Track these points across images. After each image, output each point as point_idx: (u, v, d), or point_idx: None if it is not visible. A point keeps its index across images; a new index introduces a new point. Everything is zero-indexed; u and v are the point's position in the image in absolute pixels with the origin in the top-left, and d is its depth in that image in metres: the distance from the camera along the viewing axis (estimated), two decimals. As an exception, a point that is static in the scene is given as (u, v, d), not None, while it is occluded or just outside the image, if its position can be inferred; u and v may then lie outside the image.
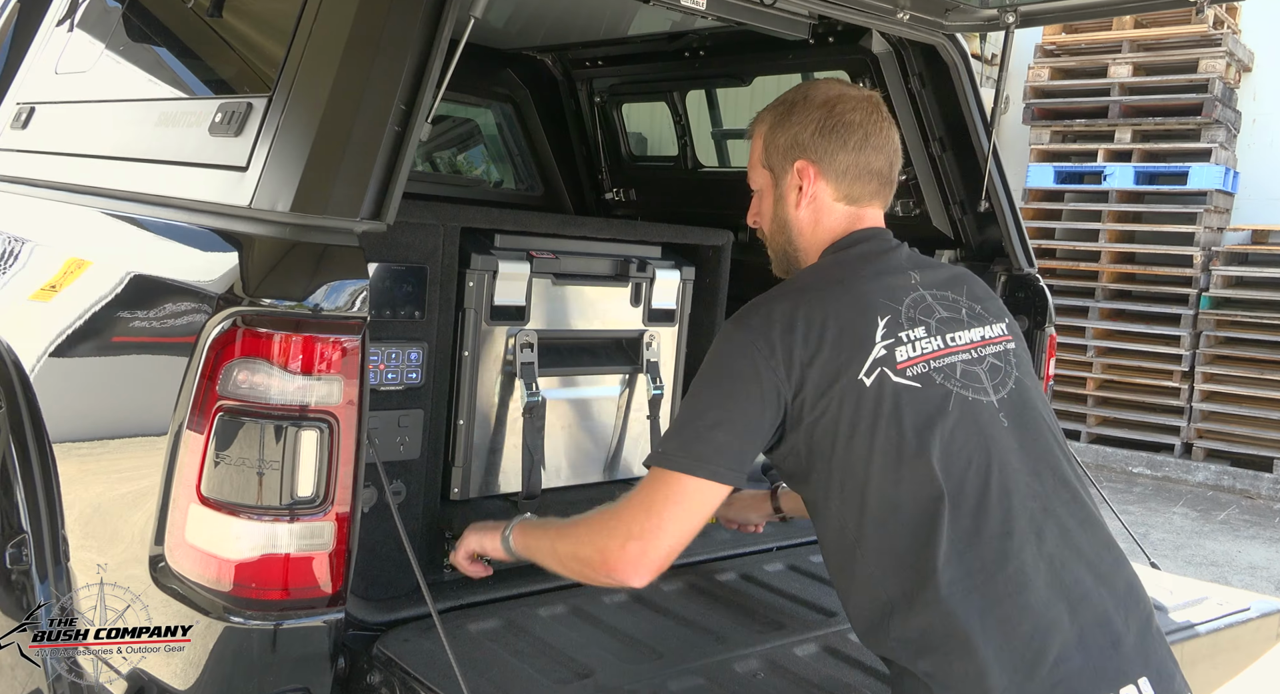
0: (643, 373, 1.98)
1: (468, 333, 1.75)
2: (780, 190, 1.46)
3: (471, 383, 1.77)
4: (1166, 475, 6.35)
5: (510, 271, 1.77)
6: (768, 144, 1.47)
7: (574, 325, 1.90)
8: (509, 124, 3.38)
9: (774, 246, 1.51)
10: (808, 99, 1.45)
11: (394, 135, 1.47)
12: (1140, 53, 6.49)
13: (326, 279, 1.43)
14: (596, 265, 1.91)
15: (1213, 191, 6.31)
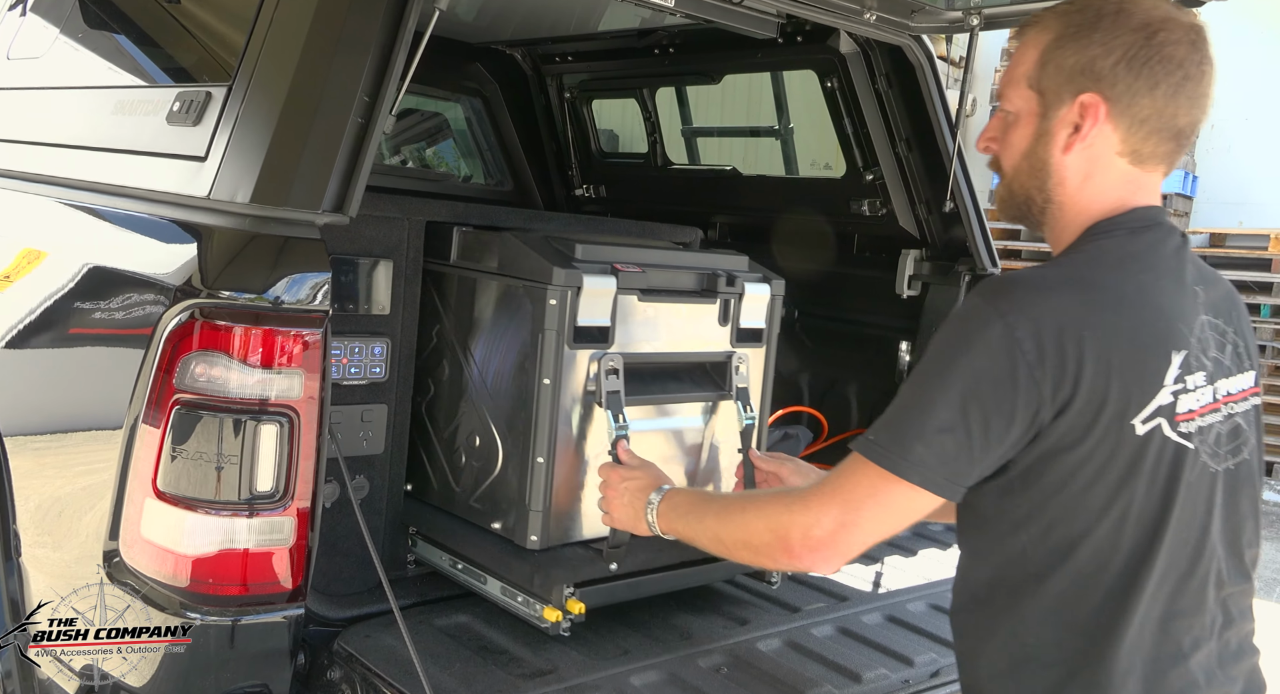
0: (731, 400, 1.75)
1: (547, 357, 1.54)
2: (1048, 123, 1.15)
3: (552, 415, 1.55)
4: None
5: (595, 287, 1.56)
6: (1046, 59, 1.14)
7: (658, 347, 1.68)
8: (478, 118, 3.36)
9: (1013, 187, 1.21)
10: (1122, 13, 1.11)
11: (357, 127, 1.46)
12: (1103, 58, 6.58)
13: (287, 272, 1.41)
14: (682, 279, 1.72)
15: (1173, 195, 6.45)
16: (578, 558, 1.58)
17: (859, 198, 2.54)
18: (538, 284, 1.55)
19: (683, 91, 3.11)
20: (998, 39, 6.90)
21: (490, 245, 1.65)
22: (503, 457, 1.62)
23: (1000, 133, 1.21)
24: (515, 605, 1.56)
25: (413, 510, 1.78)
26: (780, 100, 2.94)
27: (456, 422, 1.71)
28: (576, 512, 1.62)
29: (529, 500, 1.57)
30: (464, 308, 1.70)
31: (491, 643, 1.55)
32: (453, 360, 1.72)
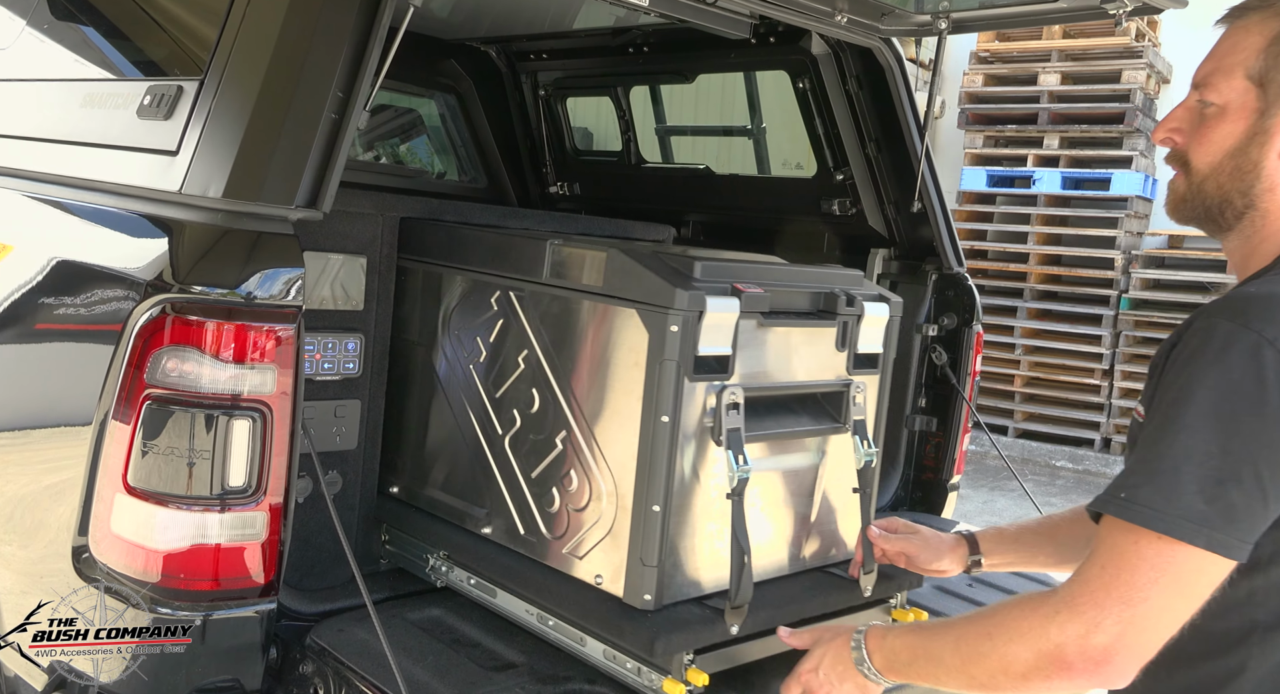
0: (848, 433, 1.59)
1: (666, 391, 1.36)
2: (1267, 121, 1.03)
3: (671, 456, 1.37)
4: (1087, 468, 6.60)
5: (718, 311, 1.38)
6: (1270, 51, 1.03)
7: (775, 377, 1.51)
8: (452, 115, 3.35)
9: (1206, 186, 1.08)
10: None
11: (331, 123, 1.45)
12: (1068, 62, 6.71)
13: (260, 267, 1.40)
14: (800, 300, 1.55)
15: (1133, 197, 6.57)
16: (695, 618, 1.39)
17: (829, 197, 2.57)
18: (656, 308, 1.36)
19: (657, 90, 3.12)
20: (968, 43, 7.00)
21: (594, 262, 1.46)
22: (608, 502, 1.44)
23: (1190, 125, 1.08)
24: (623, 672, 1.40)
25: (386, 506, 1.77)
26: (753, 100, 2.96)
27: (548, 460, 1.52)
28: (691, 565, 1.44)
29: (643, 554, 1.39)
30: (559, 333, 1.51)
31: (464, 636, 1.56)
32: (544, 392, 1.53)
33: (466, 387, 1.63)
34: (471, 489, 1.63)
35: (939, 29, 2.20)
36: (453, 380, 1.66)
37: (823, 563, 1.62)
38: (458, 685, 1.40)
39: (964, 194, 7.03)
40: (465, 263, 1.64)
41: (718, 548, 1.44)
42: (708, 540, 1.43)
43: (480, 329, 1.61)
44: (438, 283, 1.70)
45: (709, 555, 1.44)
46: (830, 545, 1.64)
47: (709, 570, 1.44)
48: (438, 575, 1.66)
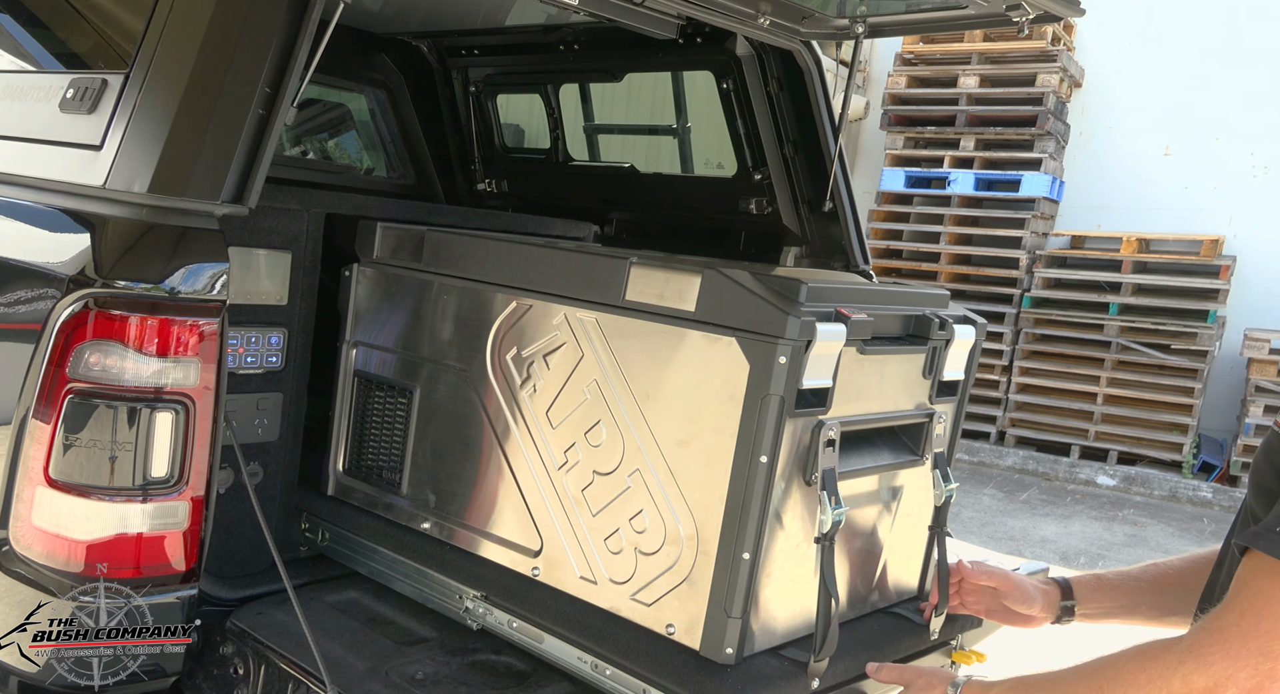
0: (927, 467, 1.50)
1: (766, 429, 1.24)
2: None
3: (765, 500, 1.26)
4: (981, 460, 6.92)
5: (827, 340, 1.26)
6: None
7: (865, 409, 1.40)
8: (382, 110, 3.33)
9: None
10: None
11: (258, 118, 1.47)
12: (987, 65, 6.97)
13: (185, 262, 1.42)
14: (892, 324, 1.43)
15: (1040, 199, 6.88)
16: (776, 673, 1.30)
17: (747, 197, 2.66)
18: (763, 338, 1.24)
19: (586, 89, 3.16)
20: (894, 45, 7.20)
21: (685, 284, 1.32)
22: (686, 547, 1.32)
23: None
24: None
25: (306, 497, 1.79)
26: (679, 100, 3.04)
27: (615, 498, 1.40)
28: (770, 613, 1.34)
29: (727, 604, 1.27)
30: (636, 361, 1.38)
31: (379, 615, 1.61)
32: (612, 425, 1.40)
33: (515, 416, 1.50)
34: (517, 526, 1.51)
35: (856, 33, 2.29)
36: (497, 410, 1.52)
37: (889, 604, 1.56)
38: (372, 659, 1.45)
39: (883, 194, 7.25)
40: (518, 281, 1.51)
41: (798, 594, 1.36)
42: (787, 587, 1.34)
43: (536, 353, 1.48)
44: (479, 301, 1.56)
45: (788, 603, 1.35)
46: (897, 585, 1.57)
47: (786, 619, 1.36)
48: (473, 618, 1.53)
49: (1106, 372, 6.59)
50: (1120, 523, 5.74)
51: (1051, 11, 1.95)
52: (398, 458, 1.67)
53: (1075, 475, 6.62)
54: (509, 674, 1.50)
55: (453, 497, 1.61)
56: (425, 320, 1.66)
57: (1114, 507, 6.09)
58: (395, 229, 1.71)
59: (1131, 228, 6.90)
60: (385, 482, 1.71)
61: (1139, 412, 6.56)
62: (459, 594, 1.56)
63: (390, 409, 1.69)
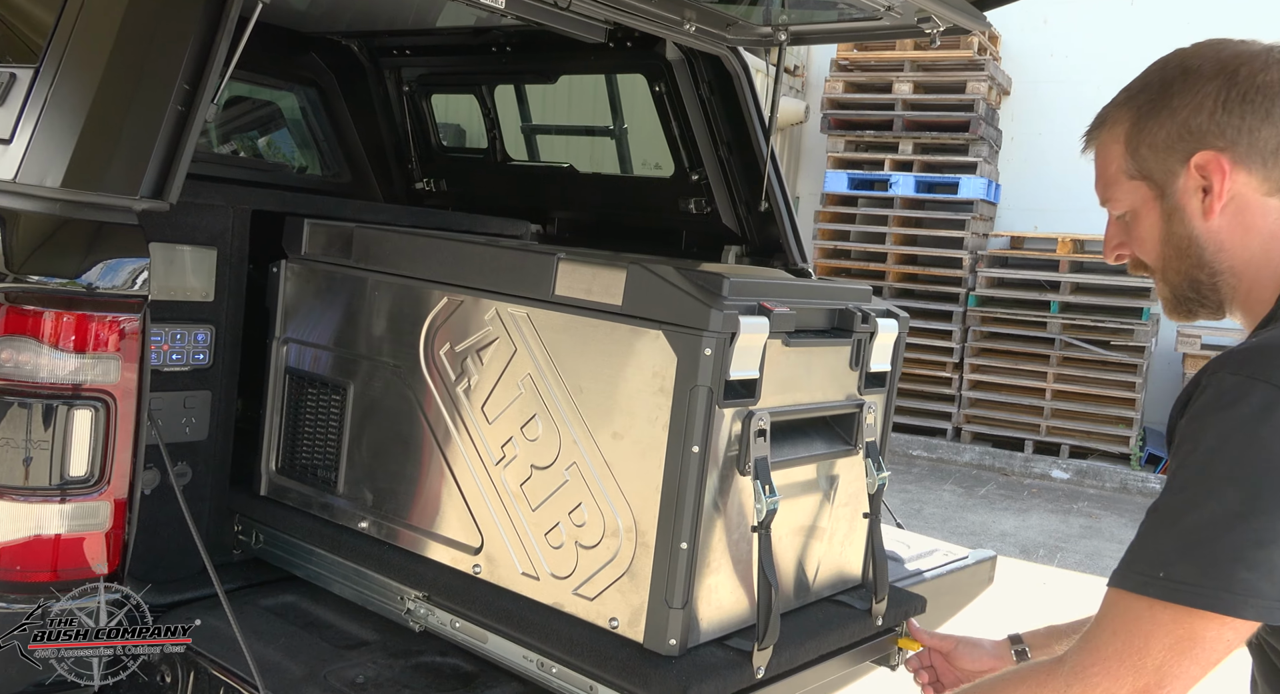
0: (860, 456, 1.56)
1: (697, 420, 1.28)
2: (1172, 202, 1.06)
3: (700, 489, 1.29)
4: (940, 457, 7.09)
5: (751, 332, 1.31)
6: (1133, 146, 1.07)
7: (795, 400, 1.44)
8: (313, 109, 3.32)
9: (1169, 277, 1.09)
10: (1189, 71, 1.04)
11: (177, 114, 1.47)
12: (919, 72, 7.20)
13: (102, 257, 1.41)
14: (819, 318, 1.50)
15: (978, 201, 7.11)
16: (721, 662, 1.33)
17: (686, 197, 2.72)
18: (689, 331, 1.28)
19: (522, 89, 3.20)
20: (829, 51, 7.39)
21: (610, 279, 1.36)
22: (625, 539, 1.34)
23: (1124, 236, 1.12)
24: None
25: (239, 498, 1.78)
26: (614, 102, 3.09)
27: (553, 492, 1.43)
28: (712, 604, 1.36)
29: (668, 595, 1.30)
30: (567, 355, 1.41)
31: (318, 619, 1.60)
32: (548, 419, 1.43)
33: (451, 412, 1.52)
34: (457, 523, 1.52)
35: (779, 40, 2.39)
36: (432, 406, 1.54)
37: (832, 592, 1.60)
38: (309, 663, 1.45)
39: (828, 196, 7.41)
40: (448, 277, 1.53)
41: (739, 585, 1.39)
42: (729, 577, 1.37)
43: (470, 349, 1.50)
44: (410, 297, 1.57)
45: (729, 593, 1.38)
46: (840, 573, 1.62)
47: (730, 609, 1.38)
48: (415, 620, 1.53)
49: (1052, 368, 6.80)
50: (1075, 515, 5.92)
51: (959, 24, 2.07)
52: (333, 456, 1.67)
53: (1030, 470, 6.82)
54: (455, 676, 1.49)
55: (391, 494, 1.61)
56: (356, 317, 1.66)
57: (1069, 500, 6.28)
58: (323, 225, 1.71)
59: (1066, 229, 7.16)
60: (320, 481, 1.70)
61: (1086, 406, 6.79)
62: (400, 595, 1.55)
63: (324, 407, 1.69)
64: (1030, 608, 2.35)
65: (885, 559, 1.61)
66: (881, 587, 1.58)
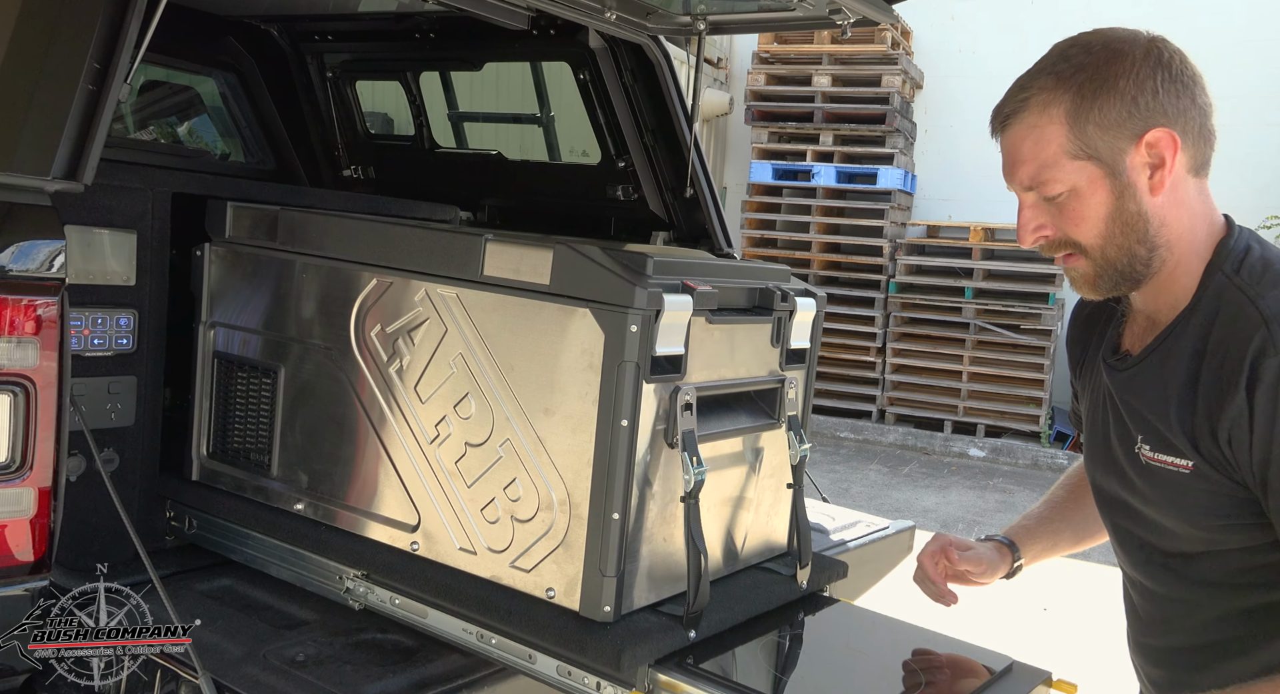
0: (783, 429, 1.62)
1: (625, 394, 1.32)
2: (1123, 180, 1.07)
3: (630, 461, 1.34)
4: (866, 438, 7.31)
5: (675, 310, 1.36)
6: (1077, 126, 1.06)
7: (719, 376, 1.49)
8: (234, 94, 3.25)
9: (1107, 254, 1.10)
10: (1120, 54, 1.06)
11: (88, 94, 1.44)
12: (837, 66, 7.38)
13: (15, 239, 1.38)
14: (741, 296, 1.56)
15: (896, 191, 7.33)
16: (654, 627, 1.37)
17: (613, 184, 2.75)
18: (615, 308, 1.32)
19: (448, 76, 3.19)
20: (751, 43, 7.52)
21: (538, 259, 1.39)
22: (559, 511, 1.38)
23: (1050, 217, 1.11)
24: (581, 688, 1.35)
25: (171, 485, 1.76)
26: (540, 89, 3.10)
27: (488, 469, 1.45)
28: (644, 572, 1.41)
29: (601, 564, 1.34)
30: (497, 334, 1.44)
31: (256, 601, 1.60)
32: (480, 397, 1.45)
33: (384, 392, 1.54)
34: (394, 501, 1.54)
35: (698, 29, 2.44)
36: (365, 387, 1.55)
37: (759, 560, 1.66)
38: (248, 644, 1.44)
39: (753, 186, 7.55)
40: (378, 259, 1.54)
41: (669, 553, 1.44)
42: (659, 546, 1.42)
43: (401, 329, 1.52)
44: (339, 279, 1.58)
45: (661, 561, 1.43)
46: (766, 542, 1.67)
47: (661, 576, 1.43)
48: (354, 598, 1.55)
49: (968, 351, 7.07)
50: (991, 491, 6.18)
51: (869, 16, 2.15)
52: (265, 439, 1.66)
53: (950, 449, 7.08)
54: (396, 651, 1.51)
55: (326, 476, 1.61)
56: (285, 299, 1.65)
57: (985, 476, 6.55)
58: (247, 208, 1.69)
59: (978, 218, 7.44)
60: (254, 464, 1.69)
61: (999, 387, 7.08)
62: (338, 574, 1.56)
63: (254, 390, 1.67)
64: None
65: (809, 527, 1.67)
66: (806, 553, 1.64)
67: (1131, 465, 1.14)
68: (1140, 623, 1.23)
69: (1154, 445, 1.10)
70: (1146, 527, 1.16)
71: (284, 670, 1.39)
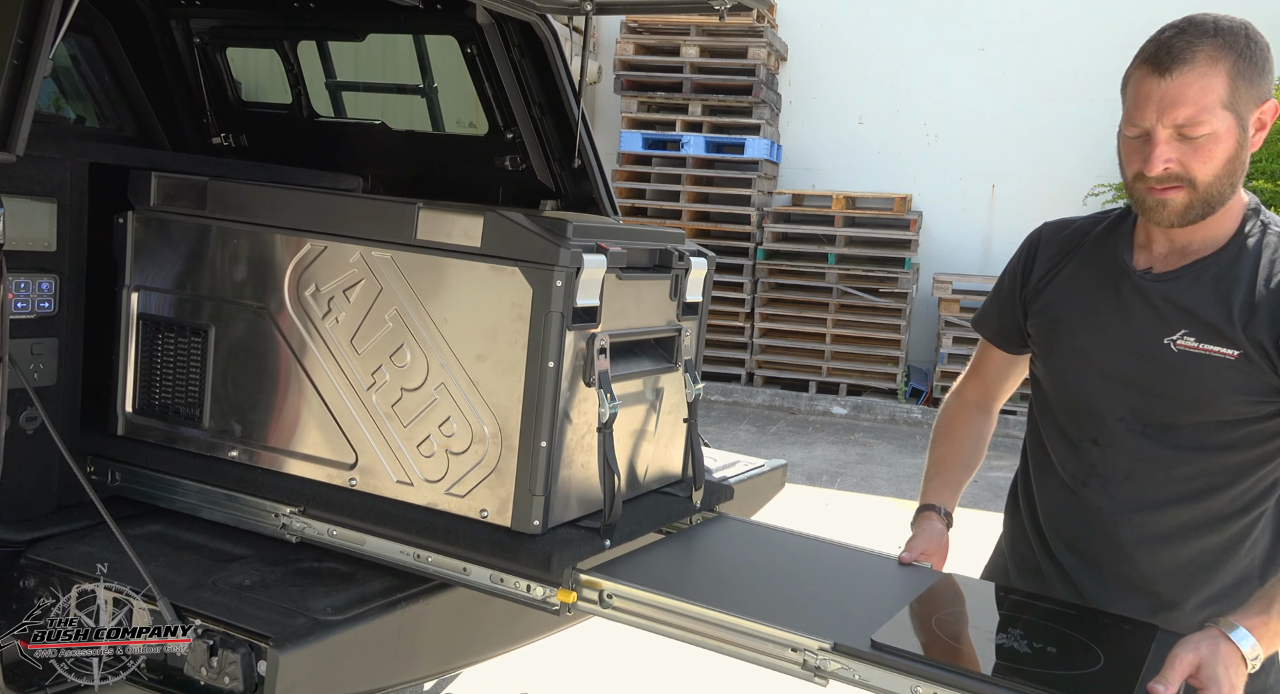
0: (680, 371, 1.91)
1: (551, 340, 1.57)
2: (1246, 134, 1.39)
3: (555, 397, 1.59)
4: (735, 400, 7.83)
5: (592, 267, 1.61)
6: (1236, 83, 1.36)
7: (628, 325, 1.78)
8: (87, 57, 3.23)
9: (1211, 192, 1.40)
10: (1256, 39, 1.39)
11: (14, 68, 1.57)
12: (705, 37, 7.76)
13: (-47, 207, 1.50)
14: (642, 257, 1.82)
15: (763, 161, 7.82)
16: (576, 538, 1.63)
17: (501, 154, 2.97)
18: (542, 266, 1.56)
19: (325, 46, 3.29)
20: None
21: (470, 224, 1.62)
22: (491, 443, 1.62)
23: (1183, 154, 1.38)
24: (513, 592, 1.60)
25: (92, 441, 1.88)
26: (423, 61, 3.27)
27: (423, 410, 1.67)
28: (565, 493, 1.67)
29: (531, 485, 1.59)
30: (431, 291, 1.65)
31: (189, 542, 1.77)
32: (415, 347, 1.67)
33: (319, 346, 1.73)
34: (330, 445, 1.74)
35: (585, 9, 2.68)
36: (301, 342, 1.75)
37: (659, 485, 1.95)
38: (193, 575, 1.63)
39: (623, 155, 7.86)
40: (313, 225, 1.73)
41: (586, 478, 1.71)
42: (578, 472, 1.68)
43: (336, 289, 1.72)
44: (273, 245, 1.76)
45: (579, 484, 1.69)
46: (666, 470, 1.96)
47: (580, 497, 1.70)
48: (290, 532, 1.74)
49: (831, 314, 7.68)
50: (853, 445, 6.82)
51: (743, 1, 2.45)
52: (195, 394, 1.82)
53: (814, 408, 7.70)
54: (334, 576, 1.71)
55: (259, 424, 1.79)
56: (215, 264, 1.81)
57: (847, 432, 7.19)
58: (171, 177, 1.84)
59: (839, 187, 8.06)
60: (184, 417, 1.84)
61: (860, 348, 7.74)
62: (274, 512, 1.75)
63: (183, 348, 1.83)
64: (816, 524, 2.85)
65: (702, 455, 2.00)
66: (699, 477, 1.97)
67: (1155, 351, 1.47)
68: (1097, 479, 1.53)
69: (1199, 337, 1.43)
70: (1145, 400, 1.49)
71: (234, 593, 1.59)
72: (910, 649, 1.35)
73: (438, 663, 1.86)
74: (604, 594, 1.57)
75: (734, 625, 1.46)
